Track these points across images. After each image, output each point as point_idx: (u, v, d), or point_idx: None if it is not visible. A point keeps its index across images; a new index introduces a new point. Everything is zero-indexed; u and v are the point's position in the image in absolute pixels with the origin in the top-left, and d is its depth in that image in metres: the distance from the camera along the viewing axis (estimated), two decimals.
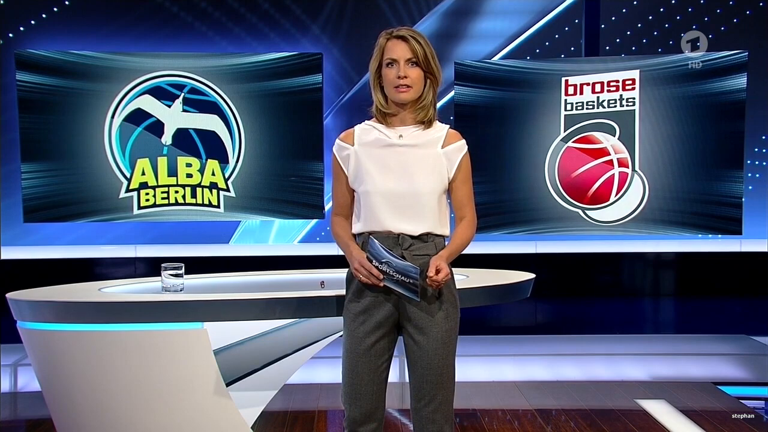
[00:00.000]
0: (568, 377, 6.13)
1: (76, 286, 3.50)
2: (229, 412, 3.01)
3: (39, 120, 6.54)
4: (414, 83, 2.75)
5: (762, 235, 7.49)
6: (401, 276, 2.60)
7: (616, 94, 6.61)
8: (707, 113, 6.55)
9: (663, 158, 6.61)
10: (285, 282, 3.78)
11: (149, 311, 2.89)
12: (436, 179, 2.78)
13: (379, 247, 2.63)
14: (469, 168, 2.87)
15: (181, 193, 6.72)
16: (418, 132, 2.81)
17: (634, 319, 7.76)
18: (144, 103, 6.69)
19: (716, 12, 7.63)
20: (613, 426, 4.83)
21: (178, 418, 2.98)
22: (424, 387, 2.78)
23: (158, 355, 2.92)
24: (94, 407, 3.02)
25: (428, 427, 2.80)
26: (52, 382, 3.14)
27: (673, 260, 7.86)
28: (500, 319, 7.57)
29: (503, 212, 6.73)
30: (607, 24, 7.69)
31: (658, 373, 6.20)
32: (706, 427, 4.79)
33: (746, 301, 7.68)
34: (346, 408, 2.81)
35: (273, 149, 6.79)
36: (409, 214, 2.75)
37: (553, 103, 6.73)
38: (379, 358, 2.77)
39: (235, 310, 2.93)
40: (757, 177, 7.69)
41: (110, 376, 2.96)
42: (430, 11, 7.69)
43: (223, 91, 6.79)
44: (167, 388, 2.95)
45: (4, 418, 5.34)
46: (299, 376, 5.31)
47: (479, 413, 5.10)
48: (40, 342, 3.09)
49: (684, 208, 6.57)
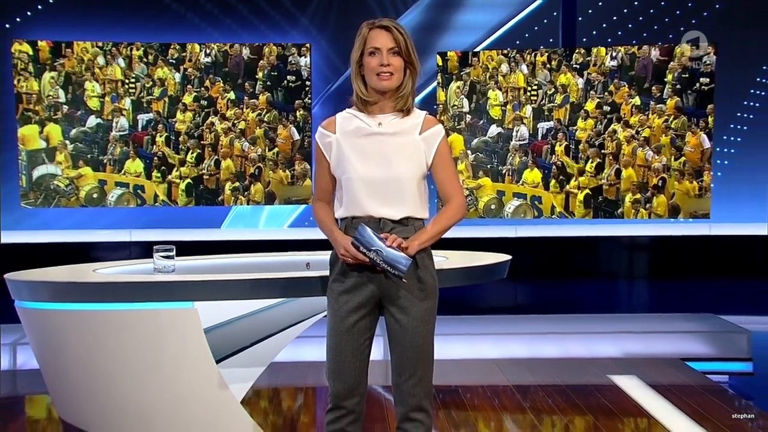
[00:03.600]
0: (544, 355, 6.16)
1: (71, 267, 3.50)
2: (220, 388, 3.02)
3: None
4: (396, 71, 2.74)
5: (730, 219, 7.56)
6: (388, 266, 2.61)
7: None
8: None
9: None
10: (272, 263, 3.78)
11: (141, 291, 2.90)
12: (414, 165, 2.77)
13: (370, 235, 2.61)
14: (448, 151, 2.86)
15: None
16: (396, 120, 2.80)
17: (608, 300, 7.81)
18: None
19: (688, 6, 7.67)
20: (587, 400, 4.86)
21: (170, 394, 2.99)
22: (405, 363, 2.79)
23: (150, 333, 2.93)
24: (89, 383, 3.03)
25: (409, 401, 2.81)
26: (49, 359, 3.14)
27: (647, 244, 7.92)
28: (482, 299, 7.59)
29: None
30: (584, 16, 7.71)
31: (629, 350, 6.23)
32: (674, 400, 4.83)
33: (714, 281, 7.74)
34: (330, 383, 2.82)
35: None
36: (389, 199, 2.75)
37: None
38: (361, 336, 2.79)
39: (224, 289, 2.94)
40: (726, 164, 7.75)
41: (104, 354, 2.96)
42: (414, 4, 7.70)
43: None
44: (159, 365, 2.96)
45: (4, 394, 5.34)
46: (287, 355, 5.31)
47: (460, 390, 5.12)
48: (37, 321, 3.09)
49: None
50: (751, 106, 7.77)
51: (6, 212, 7.09)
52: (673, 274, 7.86)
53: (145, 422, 2.99)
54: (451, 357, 5.93)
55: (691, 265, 7.79)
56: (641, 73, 6.83)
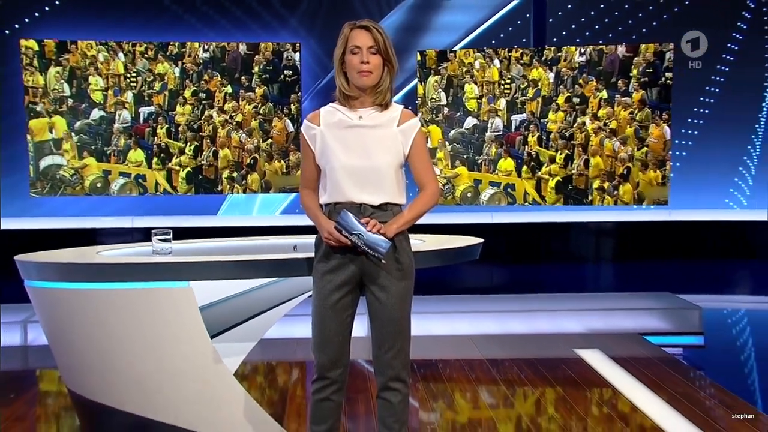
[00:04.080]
0: (515, 331, 6.20)
1: (77, 250, 3.50)
2: (214, 361, 3.03)
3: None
4: (374, 69, 2.77)
5: (687, 206, 7.63)
6: (369, 248, 2.66)
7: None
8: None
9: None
10: (263, 246, 3.79)
11: (141, 271, 2.91)
12: (392, 155, 2.81)
13: (352, 220, 2.65)
14: (424, 142, 2.90)
15: None
16: (376, 113, 2.83)
17: (574, 280, 7.87)
18: None
19: (649, 9, 7.72)
20: (553, 372, 4.92)
21: (168, 367, 3.00)
22: (384, 337, 2.83)
23: (149, 311, 2.94)
24: (93, 356, 3.03)
25: (387, 372, 2.85)
26: (57, 334, 3.15)
27: (612, 229, 7.97)
28: (460, 281, 7.59)
29: None
30: (555, 18, 7.75)
31: (593, 326, 6.27)
32: (633, 371, 4.89)
33: (672, 263, 7.81)
34: (315, 356, 2.86)
35: None
36: (369, 186, 2.78)
37: None
38: (344, 312, 2.83)
39: (217, 270, 2.96)
40: (684, 155, 7.82)
41: (107, 329, 2.97)
42: (397, 5, 7.70)
43: None
44: (158, 340, 2.97)
45: (16, 368, 5.37)
46: (278, 332, 5.34)
47: (438, 363, 5.16)
48: (45, 299, 3.10)
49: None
50: (707, 102, 7.84)
51: (17, 201, 7.08)
52: (634, 256, 7.92)
53: (145, 392, 3.01)
54: (430, 333, 5.97)
55: (650, 248, 7.85)
56: (608, 69, 6.80)
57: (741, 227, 7.68)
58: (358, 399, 4.37)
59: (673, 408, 4.17)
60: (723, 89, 7.79)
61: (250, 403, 3.12)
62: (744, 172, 7.88)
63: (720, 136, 7.77)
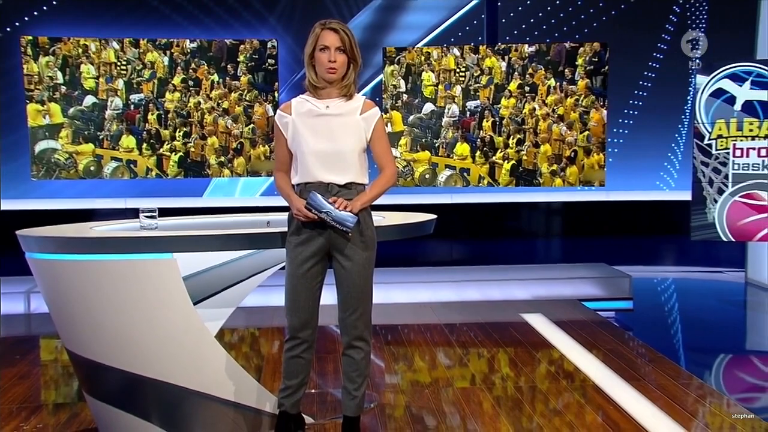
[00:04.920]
0: (469, 298, 6.28)
1: (72, 226, 3.49)
2: (197, 325, 3.05)
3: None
4: (339, 67, 2.82)
5: (623, 187, 7.75)
6: (337, 224, 2.71)
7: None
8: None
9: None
10: (239, 222, 3.79)
11: (129, 245, 2.92)
12: (356, 140, 2.86)
13: (321, 200, 2.71)
14: (383, 129, 2.95)
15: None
16: (341, 103, 2.88)
17: (522, 253, 7.95)
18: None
19: (590, 11, 7.80)
20: (502, 334, 5.01)
21: (156, 330, 3.00)
22: (349, 301, 2.89)
23: (137, 279, 2.95)
24: (88, 321, 3.04)
25: (352, 332, 2.92)
26: (55, 301, 3.14)
27: (556, 208, 8.07)
28: (421, 255, 7.63)
29: None
30: (507, 18, 7.79)
31: (537, 293, 6.36)
32: (571, 332, 5.00)
33: (608, 238, 7.92)
34: (287, 318, 2.91)
35: None
36: (336, 168, 2.83)
37: None
38: (314, 279, 2.88)
39: (198, 243, 2.96)
40: (621, 142, 7.93)
41: (100, 297, 2.98)
42: (365, 6, 7.69)
43: None
44: (145, 306, 2.98)
45: (21, 334, 5.36)
46: (257, 300, 5.39)
47: (400, 327, 5.23)
48: (44, 269, 3.09)
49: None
50: (640, 95, 7.95)
51: (19, 184, 7.00)
52: (575, 232, 8.01)
53: (135, 353, 3.02)
54: (393, 301, 6.03)
55: (590, 225, 7.95)
56: (556, 58, 6.74)
57: (669, 206, 7.81)
58: (327, 359, 4.43)
59: (605, 363, 4.28)
60: (654, 82, 7.91)
61: (230, 361, 3.14)
62: (672, 157, 8.02)
63: (651, 124, 7.90)
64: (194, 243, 2.97)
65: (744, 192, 6.00)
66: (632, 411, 3.47)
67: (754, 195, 5.98)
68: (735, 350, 5.08)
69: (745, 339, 5.60)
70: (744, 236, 6.12)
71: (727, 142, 6.01)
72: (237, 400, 3.14)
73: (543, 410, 3.55)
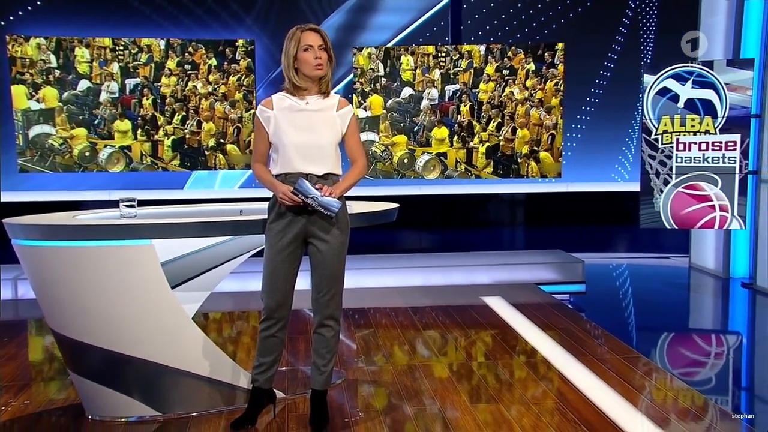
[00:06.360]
0: (434, 283, 6.35)
1: (56, 214, 3.53)
2: (175, 307, 3.11)
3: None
4: (325, 63, 2.93)
5: (580, 179, 7.89)
6: (322, 208, 2.82)
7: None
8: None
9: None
10: (213, 211, 3.83)
11: (110, 232, 2.97)
12: (332, 134, 2.96)
13: (308, 186, 2.82)
14: (356, 125, 3.05)
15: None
16: (319, 100, 2.98)
17: (485, 240, 8.05)
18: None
19: (549, 14, 7.91)
20: (463, 316, 5.10)
21: (135, 312, 3.06)
22: (323, 282, 2.98)
23: (118, 264, 3.00)
24: (73, 306, 3.08)
25: (324, 311, 3.01)
26: (41, 285, 3.16)
27: (518, 199, 8.18)
28: (392, 243, 7.70)
29: None
30: (472, 20, 7.88)
31: (498, 278, 6.43)
32: (528, 314, 5.09)
33: (564, 225, 8.06)
34: (264, 299, 3.00)
35: None
36: (314, 160, 2.93)
37: None
38: (291, 264, 2.98)
39: (174, 230, 3.02)
40: (578, 137, 8.08)
41: (83, 280, 3.02)
42: (338, 7, 7.73)
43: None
44: (126, 289, 3.03)
45: (9, 318, 5.38)
46: (237, 286, 5.45)
47: (368, 310, 5.31)
48: (29, 255, 3.11)
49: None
50: (596, 93, 8.10)
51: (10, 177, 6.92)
52: (535, 221, 8.12)
53: (116, 333, 3.06)
54: (364, 286, 6.09)
55: (548, 214, 8.08)
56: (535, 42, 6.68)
57: (622, 197, 7.96)
58: (299, 339, 4.51)
59: (558, 342, 4.40)
60: (609, 81, 8.06)
61: (206, 341, 3.21)
62: (626, 151, 8.19)
63: (607, 120, 8.05)
64: (170, 230, 3.04)
65: (687, 183, 6.18)
66: (581, 385, 3.58)
67: (695, 186, 6.16)
68: (678, 329, 5.24)
69: (687, 319, 5.77)
70: (687, 224, 6.29)
71: (671, 136, 6.17)
72: (213, 377, 3.22)
73: (497, 384, 3.66)
